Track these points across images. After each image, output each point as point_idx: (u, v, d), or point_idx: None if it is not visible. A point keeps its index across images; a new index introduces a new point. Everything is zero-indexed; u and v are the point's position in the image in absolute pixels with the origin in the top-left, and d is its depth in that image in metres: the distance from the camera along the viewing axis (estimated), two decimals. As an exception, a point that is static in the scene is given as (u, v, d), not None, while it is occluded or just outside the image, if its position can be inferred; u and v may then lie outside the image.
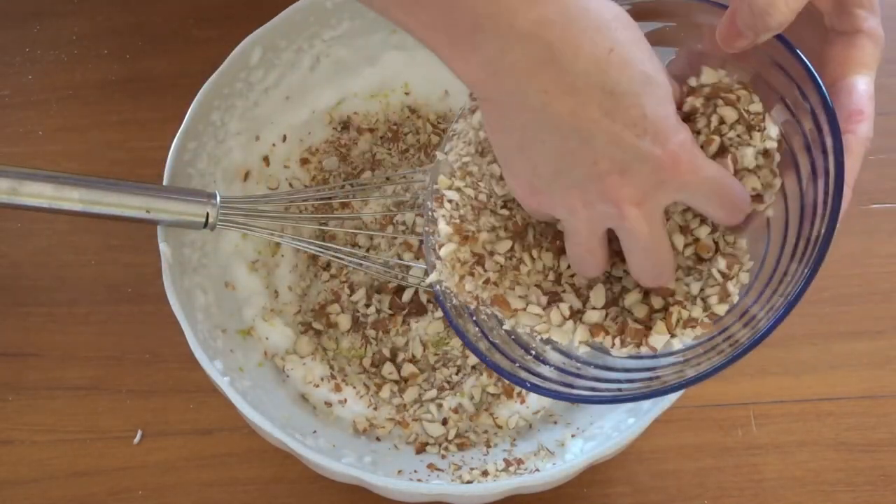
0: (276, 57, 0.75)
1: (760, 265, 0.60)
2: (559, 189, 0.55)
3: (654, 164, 0.53)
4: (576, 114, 0.52)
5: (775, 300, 0.56)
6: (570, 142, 0.53)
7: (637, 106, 0.52)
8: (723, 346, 0.59)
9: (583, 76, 0.51)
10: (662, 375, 0.59)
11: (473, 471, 0.68)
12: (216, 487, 0.72)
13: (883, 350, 0.77)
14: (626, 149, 0.53)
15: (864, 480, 0.73)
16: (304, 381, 0.72)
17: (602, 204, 0.54)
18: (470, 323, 0.62)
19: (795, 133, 0.58)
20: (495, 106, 0.54)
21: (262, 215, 0.72)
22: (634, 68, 0.52)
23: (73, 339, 0.77)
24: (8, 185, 0.65)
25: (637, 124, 0.52)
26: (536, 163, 0.54)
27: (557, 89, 0.52)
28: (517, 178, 0.56)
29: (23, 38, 0.88)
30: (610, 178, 0.53)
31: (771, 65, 0.59)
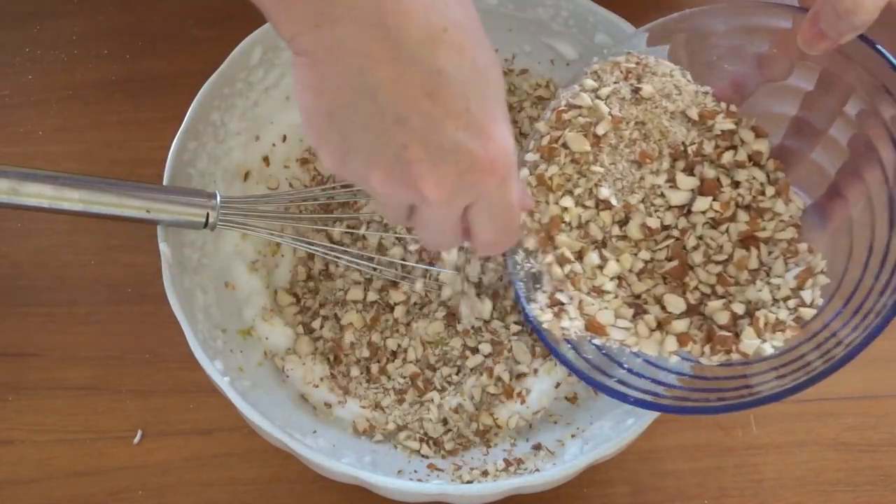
0: (276, 57, 0.75)
1: (844, 269, 0.59)
2: (363, 163, 0.52)
3: (470, 163, 0.51)
4: (396, 86, 0.49)
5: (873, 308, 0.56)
6: (385, 118, 0.49)
7: (462, 97, 0.49)
8: (812, 357, 0.58)
9: (411, 47, 0.48)
10: (755, 385, 0.59)
11: (473, 471, 0.68)
12: (216, 487, 0.72)
13: (883, 350, 0.77)
14: (442, 136, 0.50)
15: (864, 480, 0.73)
16: (304, 381, 0.72)
17: (404, 190, 0.52)
18: (564, 344, 0.63)
19: (876, 125, 0.58)
20: (311, 63, 0.50)
21: (262, 215, 0.72)
22: (467, 55, 0.49)
23: (73, 339, 0.77)
24: (8, 185, 0.65)
25: (459, 116, 0.50)
26: (346, 132, 0.51)
27: (382, 55, 0.48)
28: (323, 144, 0.53)
29: (23, 38, 0.88)
30: (418, 166, 0.50)
31: (841, 58, 0.58)
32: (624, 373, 0.61)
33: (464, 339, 0.73)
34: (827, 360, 0.56)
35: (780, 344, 0.60)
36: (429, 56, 0.48)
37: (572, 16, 0.75)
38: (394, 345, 0.73)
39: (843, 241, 0.60)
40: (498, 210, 0.54)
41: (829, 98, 0.61)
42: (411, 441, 0.70)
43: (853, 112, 0.60)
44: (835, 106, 0.61)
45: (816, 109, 0.62)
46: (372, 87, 0.49)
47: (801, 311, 0.60)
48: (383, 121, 0.50)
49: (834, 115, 0.61)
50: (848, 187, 0.60)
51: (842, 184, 0.61)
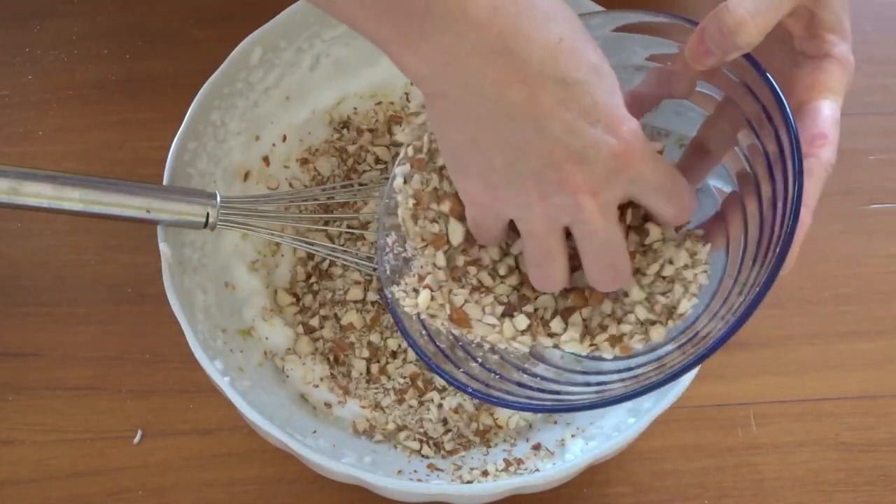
0: (276, 57, 0.75)
1: (718, 284, 0.60)
2: (515, 181, 0.54)
3: (609, 152, 0.53)
4: (530, 103, 0.52)
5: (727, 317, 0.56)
6: (526, 131, 0.52)
7: (588, 94, 0.52)
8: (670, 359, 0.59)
9: (535, 65, 0.51)
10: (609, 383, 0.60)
11: (473, 471, 0.68)
12: (216, 487, 0.72)
13: (883, 350, 0.77)
14: (580, 136, 0.52)
15: (864, 480, 0.73)
16: (304, 381, 0.72)
17: (558, 195, 0.54)
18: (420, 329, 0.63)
19: (759, 158, 0.58)
20: (447, 101, 0.53)
21: (262, 215, 0.72)
22: (583, 58, 0.52)
23: (73, 339, 0.77)
24: (8, 185, 0.65)
25: (589, 113, 0.52)
26: (491, 156, 0.54)
27: (511, 78, 0.51)
28: (470, 176, 0.56)
29: (23, 38, 0.88)
30: (566, 166, 0.53)
31: (739, 86, 0.59)
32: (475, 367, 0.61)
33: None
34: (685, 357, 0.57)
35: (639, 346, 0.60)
36: (552, 68, 0.51)
37: (572, 16, 0.75)
38: (394, 345, 0.73)
39: (720, 263, 0.61)
40: (655, 180, 0.56)
41: (726, 124, 0.61)
42: (411, 441, 0.70)
43: (745, 143, 0.60)
44: (730, 133, 0.61)
45: (714, 134, 0.62)
46: (508, 108, 0.52)
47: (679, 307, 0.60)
48: (524, 134, 0.52)
49: (728, 143, 0.61)
50: (728, 213, 0.61)
51: (726, 211, 0.62)
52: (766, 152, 0.57)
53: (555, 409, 0.61)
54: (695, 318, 0.60)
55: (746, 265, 0.57)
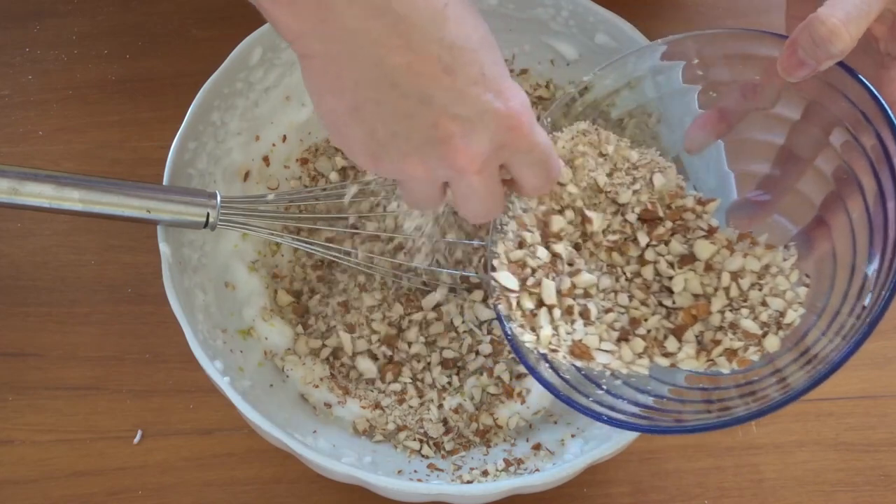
0: (276, 57, 0.75)
1: (828, 295, 0.60)
2: (398, 155, 0.53)
3: (498, 122, 0.52)
4: (414, 68, 0.50)
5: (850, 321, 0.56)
6: (409, 101, 0.50)
7: (476, 63, 0.51)
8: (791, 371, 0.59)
9: (419, 28, 0.49)
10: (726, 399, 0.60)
11: (473, 471, 0.68)
12: (216, 487, 0.72)
13: (883, 350, 0.77)
14: (469, 105, 0.51)
15: (864, 480, 0.73)
16: (303, 381, 0.72)
17: (443, 168, 0.53)
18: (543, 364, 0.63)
19: (857, 154, 0.58)
20: (323, 63, 0.51)
21: (262, 215, 0.72)
22: (471, 25, 0.51)
23: (73, 339, 0.77)
24: (8, 185, 0.65)
25: (478, 81, 0.51)
26: (373, 126, 0.52)
27: (394, 41, 0.49)
28: (353, 144, 0.54)
29: (23, 38, 0.88)
30: (451, 142, 0.52)
31: (827, 88, 0.59)
32: (602, 393, 0.62)
33: (462, 340, 0.73)
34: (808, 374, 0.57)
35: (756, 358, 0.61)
36: (437, 33, 0.50)
37: (572, 16, 0.75)
38: (394, 344, 0.73)
39: (828, 268, 0.61)
40: (536, 154, 0.56)
41: (815, 128, 0.61)
42: (411, 441, 0.70)
43: (837, 143, 0.60)
44: (820, 136, 0.61)
45: (802, 139, 0.62)
46: (391, 74, 0.50)
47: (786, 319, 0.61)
48: (408, 105, 0.50)
49: (819, 146, 0.61)
50: (831, 216, 0.61)
51: (826, 213, 0.61)
52: (865, 149, 0.57)
53: (682, 431, 0.60)
54: (807, 330, 0.60)
55: (860, 267, 0.57)
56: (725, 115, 0.64)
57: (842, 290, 0.58)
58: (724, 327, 0.62)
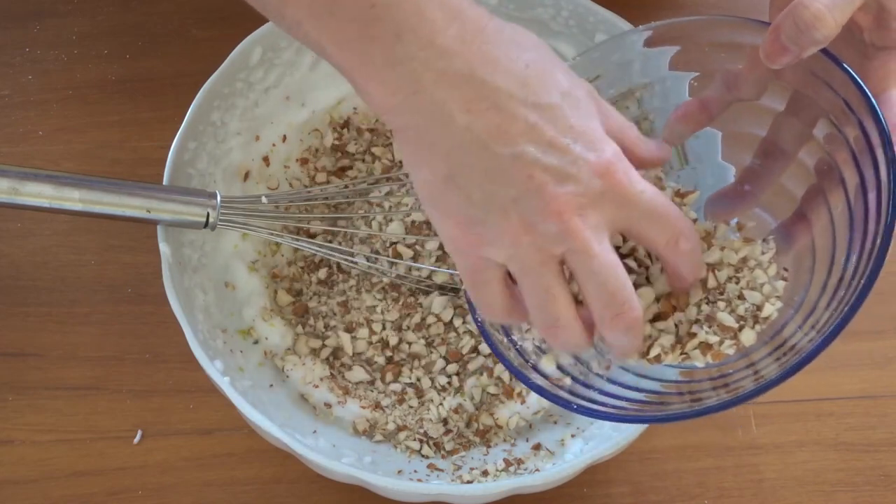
0: (276, 57, 0.75)
1: (806, 288, 0.59)
2: (496, 214, 0.52)
3: (591, 170, 0.51)
4: (503, 128, 0.50)
5: (826, 315, 0.55)
6: (502, 159, 0.51)
7: (563, 118, 0.51)
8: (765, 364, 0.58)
9: (504, 90, 0.50)
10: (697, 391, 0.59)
11: (473, 471, 0.68)
12: (216, 487, 0.72)
13: (883, 350, 0.77)
14: (559, 154, 0.51)
15: (864, 480, 0.73)
16: (303, 381, 0.72)
17: (544, 222, 0.51)
18: (513, 350, 0.62)
19: (840, 146, 0.58)
20: (416, 134, 0.52)
21: (262, 215, 0.72)
22: (553, 82, 0.52)
23: (73, 339, 0.77)
24: (8, 185, 0.65)
25: (566, 133, 0.51)
26: (469, 190, 0.52)
27: (481, 106, 0.50)
28: (450, 217, 0.53)
29: (23, 38, 0.88)
30: (547, 188, 0.51)
31: (812, 79, 0.58)
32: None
33: (462, 340, 0.73)
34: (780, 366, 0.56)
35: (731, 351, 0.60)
36: (521, 94, 0.51)
37: (572, 16, 0.75)
38: (394, 344, 0.73)
39: (807, 262, 0.60)
40: (644, 205, 0.53)
41: (798, 120, 0.61)
42: (411, 441, 0.70)
43: (821, 135, 0.59)
44: (803, 129, 0.60)
45: (786, 131, 0.62)
46: (481, 137, 0.51)
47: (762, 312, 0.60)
48: (501, 163, 0.51)
49: (803, 139, 0.61)
50: (812, 210, 0.60)
51: (806, 207, 0.61)
52: (848, 140, 0.56)
53: (649, 420, 0.59)
54: (784, 324, 0.59)
55: (839, 261, 0.56)
56: (707, 105, 0.63)
57: (820, 284, 0.58)
58: (700, 320, 0.62)
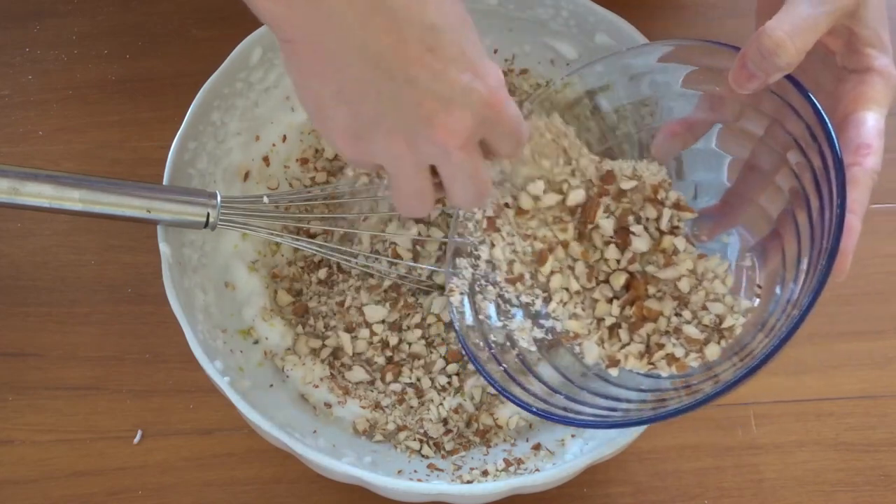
0: (276, 57, 0.75)
1: (774, 304, 0.61)
2: (382, 133, 0.54)
3: (479, 101, 0.53)
4: (398, 50, 0.51)
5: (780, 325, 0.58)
6: (394, 82, 0.52)
7: (456, 43, 0.52)
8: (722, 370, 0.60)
9: (403, 10, 0.51)
10: (667, 399, 0.62)
11: (473, 471, 0.68)
12: (216, 487, 0.72)
13: (883, 350, 0.77)
14: (451, 85, 0.52)
15: (864, 480, 0.73)
16: (303, 381, 0.72)
17: (428, 145, 0.54)
18: (484, 349, 0.65)
19: (806, 173, 0.60)
20: (307, 47, 0.52)
21: (262, 215, 0.72)
22: (447, 6, 0.52)
23: (73, 339, 0.77)
24: (8, 185, 0.65)
25: (458, 60, 0.52)
26: (358, 108, 0.53)
27: (377, 23, 0.50)
28: (335, 127, 0.55)
29: (23, 38, 0.88)
30: (436, 117, 0.53)
31: (784, 108, 0.60)
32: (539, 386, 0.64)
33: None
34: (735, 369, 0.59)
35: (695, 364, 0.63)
36: (420, 15, 0.51)
37: (572, 16, 0.75)
38: (394, 344, 0.73)
39: (778, 279, 0.63)
40: (509, 126, 0.56)
41: (775, 145, 0.63)
42: (411, 441, 0.70)
43: (794, 162, 0.61)
44: (779, 153, 0.63)
45: (764, 155, 0.64)
46: (376, 56, 0.51)
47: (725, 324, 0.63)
48: (393, 85, 0.52)
49: (779, 163, 0.63)
50: (784, 230, 0.62)
51: (780, 226, 0.63)
52: (813, 167, 0.59)
53: (614, 425, 0.62)
54: (752, 338, 0.61)
55: (801, 277, 0.59)
56: (691, 125, 0.65)
57: (784, 300, 0.60)
58: (669, 332, 0.64)
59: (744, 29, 0.90)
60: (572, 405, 0.63)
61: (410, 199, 0.58)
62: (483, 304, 0.68)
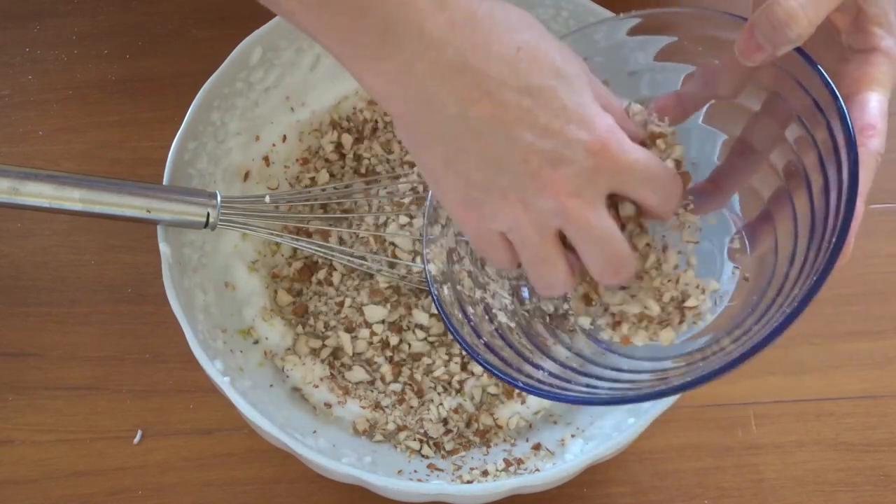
0: (276, 57, 0.75)
1: (766, 284, 0.60)
2: (495, 195, 0.54)
3: (585, 150, 0.52)
4: (496, 116, 0.51)
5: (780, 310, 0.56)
6: (497, 145, 0.52)
7: (556, 98, 0.52)
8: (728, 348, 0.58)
9: (496, 77, 0.51)
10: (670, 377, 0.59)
11: (473, 471, 0.68)
12: (216, 487, 0.72)
13: (883, 350, 0.77)
14: (554, 138, 0.52)
15: (864, 480, 0.73)
16: (303, 381, 0.72)
17: (542, 200, 0.53)
18: (465, 322, 0.63)
19: (809, 149, 0.58)
20: (412, 121, 0.53)
21: (262, 215, 0.72)
22: (545, 63, 0.52)
23: (73, 339, 0.77)
24: (8, 185, 0.65)
25: (559, 115, 0.52)
26: (468, 175, 0.53)
27: (474, 93, 0.51)
28: (451, 197, 0.55)
29: (23, 38, 0.88)
30: (543, 171, 0.52)
31: (786, 78, 0.58)
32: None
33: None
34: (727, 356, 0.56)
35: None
36: (513, 78, 0.51)
37: (572, 16, 0.75)
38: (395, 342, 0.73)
39: (769, 264, 0.61)
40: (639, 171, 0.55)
41: (772, 121, 0.61)
42: (411, 441, 0.70)
43: (792, 138, 0.60)
44: (776, 130, 0.61)
45: (759, 132, 0.62)
46: (475, 124, 0.52)
47: None
48: (496, 150, 0.52)
49: (775, 140, 0.61)
50: (777, 211, 0.61)
51: (772, 208, 0.61)
52: (816, 143, 0.57)
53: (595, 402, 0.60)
54: (739, 322, 0.59)
55: (798, 260, 0.57)
56: (683, 100, 0.63)
57: (778, 284, 0.58)
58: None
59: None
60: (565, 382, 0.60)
61: (540, 267, 0.56)
62: (461, 274, 0.66)
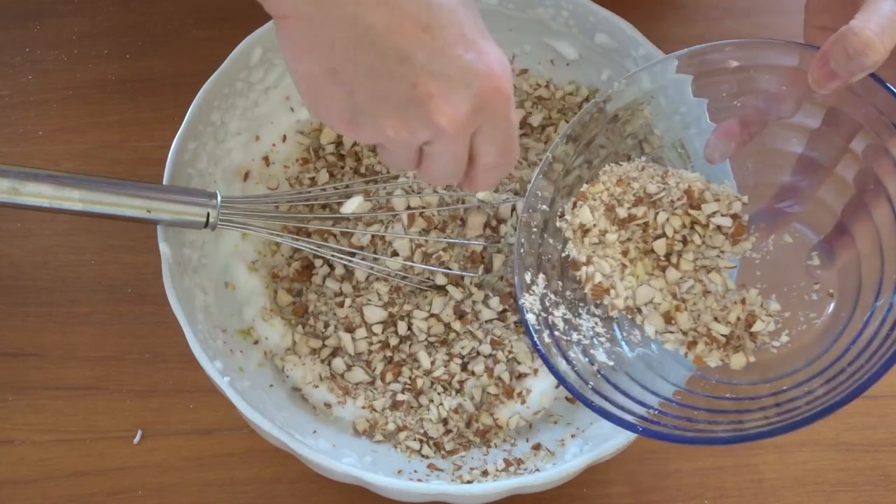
0: (276, 57, 0.75)
1: (854, 306, 0.60)
2: (378, 117, 0.52)
3: (479, 82, 0.51)
4: (393, 28, 0.49)
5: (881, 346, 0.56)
6: (388, 60, 0.49)
7: (456, 23, 0.50)
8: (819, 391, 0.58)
9: None
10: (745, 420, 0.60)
11: (473, 471, 0.68)
12: (216, 487, 0.72)
13: (883, 350, 0.77)
14: (450, 63, 0.50)
15: (864, 480, 0.73)
16: (303, 381, 0.72)
17: (422, 129, 0.52)
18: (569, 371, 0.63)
19: (883, 160, 0.58)
20: (299, 24, 0.50)
21: (262, 215, 0.72)
22: None
23: (73, 339, 0.77)
24: (8, 185, 0.65)
25: (458, 41, 0.50)
26: (351, 88, 0.51)
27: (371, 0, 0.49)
28: (329, 108, 0.53)
29: (23, 38, 0.88)
30: (432, 101, 0.51)
31: (850, 95, 0.59)
32: (610, 389, 0.62)
33: (462, 340, 0.73)
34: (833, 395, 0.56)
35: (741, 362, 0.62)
36: None
37: (572, 16, 0.75)
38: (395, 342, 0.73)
39: (853, 277, 0.60)
40: (502, 129, 0.54)
41: (836, 135, 0.61)
42: (411, 441, 0.70)
43: (859, 148, 0.60)
44: (841, 143, 0.61)
45: (823, 147, 0.62)
46: (369, 33, 0.49)
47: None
48: (386, 64, 0.49)
49: (840, 153, 0.61)
50: (854, 224, 0.61)
51: (848, 220, 0.61)
52: (890, 151, 0.57)
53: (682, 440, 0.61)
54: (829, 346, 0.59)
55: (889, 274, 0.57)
56: (747, 124, 0.63)
57: (868, 304, 0.58)
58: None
59: (743, 28, 0.90)
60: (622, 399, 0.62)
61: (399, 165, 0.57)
62: (556, 319, 0.66)
